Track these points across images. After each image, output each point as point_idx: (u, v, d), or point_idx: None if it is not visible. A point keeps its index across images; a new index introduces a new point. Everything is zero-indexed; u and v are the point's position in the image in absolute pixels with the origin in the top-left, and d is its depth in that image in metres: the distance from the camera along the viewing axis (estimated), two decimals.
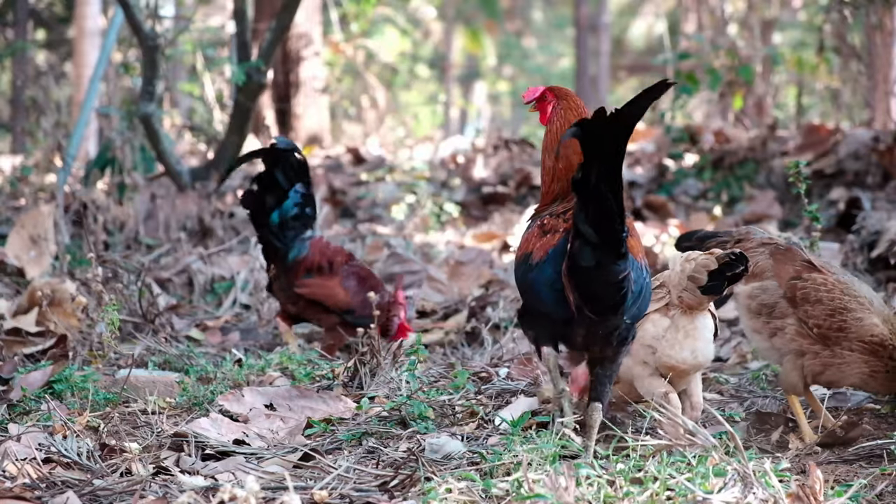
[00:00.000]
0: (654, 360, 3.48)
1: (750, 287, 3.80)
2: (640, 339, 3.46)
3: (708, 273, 3.37)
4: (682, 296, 3.44)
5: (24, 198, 8.09)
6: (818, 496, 2.62)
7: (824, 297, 3.67)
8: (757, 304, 3.79)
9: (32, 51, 15.15)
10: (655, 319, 3.48)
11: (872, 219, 6.62)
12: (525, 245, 3.23)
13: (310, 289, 4.99)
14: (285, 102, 14.09)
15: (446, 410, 3.87)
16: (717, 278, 3.38)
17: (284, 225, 5.00)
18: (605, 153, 2.87)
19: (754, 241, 3.91)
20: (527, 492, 2.67)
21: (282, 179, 5.01)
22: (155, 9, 8.53)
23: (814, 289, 3.69)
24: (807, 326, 3.68)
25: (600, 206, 2.90)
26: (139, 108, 8.02)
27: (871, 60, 10.85)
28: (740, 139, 10.16)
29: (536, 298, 3.15)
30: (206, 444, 3.52)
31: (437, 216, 9.37)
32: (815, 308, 3.67)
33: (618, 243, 2.95)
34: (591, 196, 2.90)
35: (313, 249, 5.03)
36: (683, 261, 3.47)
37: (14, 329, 5.01)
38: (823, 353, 3.66)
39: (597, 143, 2.85)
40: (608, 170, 2.87)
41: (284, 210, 5.00)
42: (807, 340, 3.69)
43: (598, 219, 2.92)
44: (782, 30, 18.86)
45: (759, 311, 3.78)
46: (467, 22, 26.07)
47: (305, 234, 5.05)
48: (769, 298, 3.76)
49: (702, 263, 3.39)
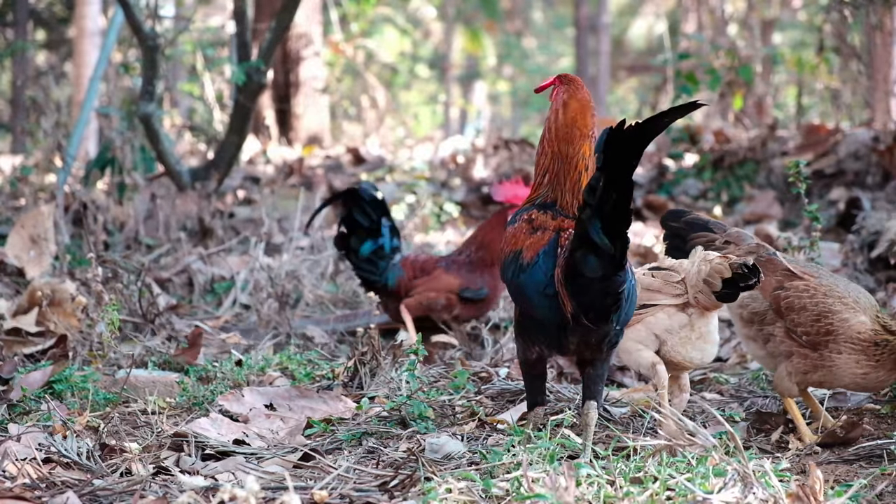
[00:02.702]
0: (661, 351, 3.51)
1: (739, 297, 3.77)
2: (649, 325, 3.46)
3: (722, 280, 3.40)
4: (698, 297, 3.46)
5: (24, 198, 8.09)
6: (818, 496, 2.62)
7: (808, 304, 3.65)
8: (748, 313, 3.77)
9: (32, 51, 15.15)
10: (672, 313, 3.49)
11: (872, 219, 6.63)
12: (513, 241, 3.16)
13: (415, 299, 5.38)
14: (285, 102, 14.08)
15: (446, 410, 3.87)
16: (731, 287, 3.40)
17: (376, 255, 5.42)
18: (627, 164, 2.81)
19: (743, 246, 3.88)
20: (527, 491, 2.67)
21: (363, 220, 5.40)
22: (155, 9, 8.53)
23: (797, 296, 3.67)
24: (795, 334, 3.67)
25: (619, 219, 2.84)
26: (139, 108, 8.02)
27: (871, 60, 10.85)
28: (740, 139, 10.16)
29: (528, 303, 3.09)
30: (206, 444, 3.52)
31: (437, 216, 9.37)
32: (801, 315, 3.65)
33: (625, 255, 2.93)
34: (609, 207, 2.83)
35: (405, 268, 5.44)
36: (701, 261, 3.48)
37: (14, 329, 5.01)
38: (813, 355, 3.66)
39: (620, 153, 2.80)
40: (627, 181, 2.82)
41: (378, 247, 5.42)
42: (796, 345, 3.68)
43: (616, 231, 2.86)
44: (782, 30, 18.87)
45: (752, 319, 3.76)
46: (467, 22, 26.05)
47: (395, 259, 5.46)
48: (759, 307, 3.74)
49: (717, 269, 3.41)
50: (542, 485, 2.68)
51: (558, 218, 3.10)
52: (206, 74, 13.67)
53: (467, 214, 9.88)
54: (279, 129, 13.99)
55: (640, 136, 2.80)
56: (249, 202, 9.61)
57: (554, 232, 3.07)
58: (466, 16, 25.93)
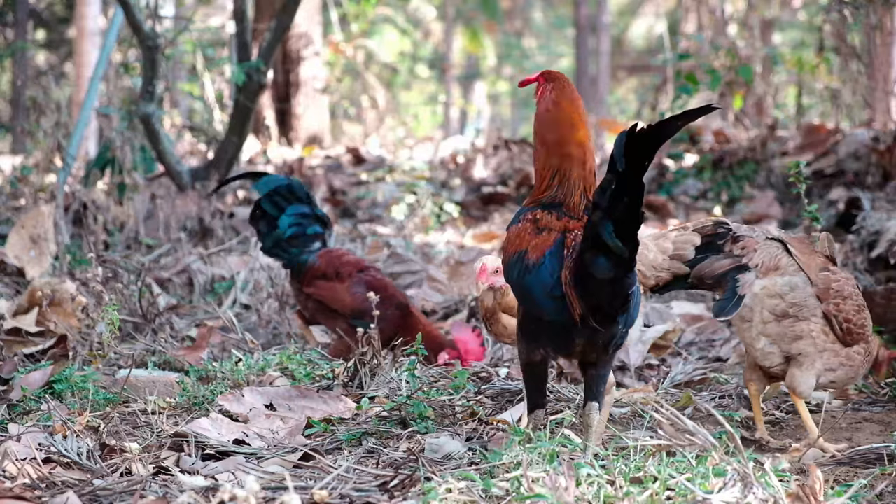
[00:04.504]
0: None
1: (778, 286, 3.62)
2: None
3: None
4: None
5: (24, 198, 8.08)
6: (818, 496, 2.62)
7: (853, 293, 3.60)
8: (786, 304, 3.59)
9: (32, 51, 15.15)
10: None
11: (872, 219, 6.63)
12: (518, 241, 3.13)
13: (316, 289, 5.18)
14: (285, 102, 14.09)
15: (446, 410, 3.87)
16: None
17: (280, 245, 5.27)
18: (640, 167, 2.81)
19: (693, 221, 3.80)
20: (527, 491, 2.67)
21: (270, 208, 5.29)
22: (155, 9, 8.52)
23: (846, 281, 3.60)
24: (836, 321, 3.57)
25: (630, 220, 2.84)
26: (139, 108, 8.02)
27: (871, 60, 10.84)
28: (740, 139, 10.16)
29: (534, 304, 3.07)
30: (206, 444, 3.52)
31: (437, 216, 9.37)
32: (846, 303, 3.57)
33: (634, 256, 2.91)
34: (621, 209, 2.82)
35: (321, 259, 5.23)
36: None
37: (14, 329, 5.01)
38: (841, 353, 3.62)
39: (634, 156, 2.80)
40: (638, 183, 2.82)
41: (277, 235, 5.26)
42: (831, 340, 3.61)
43: (628, 233, 2.84)
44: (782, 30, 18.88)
45: (785, 313, 3.59)
46: (467, 22, 26.03)
47: (313, 246, 5.28)
48: (799, 296, 3.58)
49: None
50: (542, 485, 2.68)
51: (563, 218, 3.09)
52: (206, 74, 13.67)
53: (467, 214, 9.89)
54: (279, 129, 13.99)
55: (653, 138, 2.80)
56: (249, 202, 9.61)
57: (560, 233, 3.06)
58: (466, 16, 25.92)
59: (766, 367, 3.69)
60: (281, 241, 5.26)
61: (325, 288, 5.16)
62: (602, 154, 11.32)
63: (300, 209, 5.30)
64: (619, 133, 2.84)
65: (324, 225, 5.35)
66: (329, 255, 5.24)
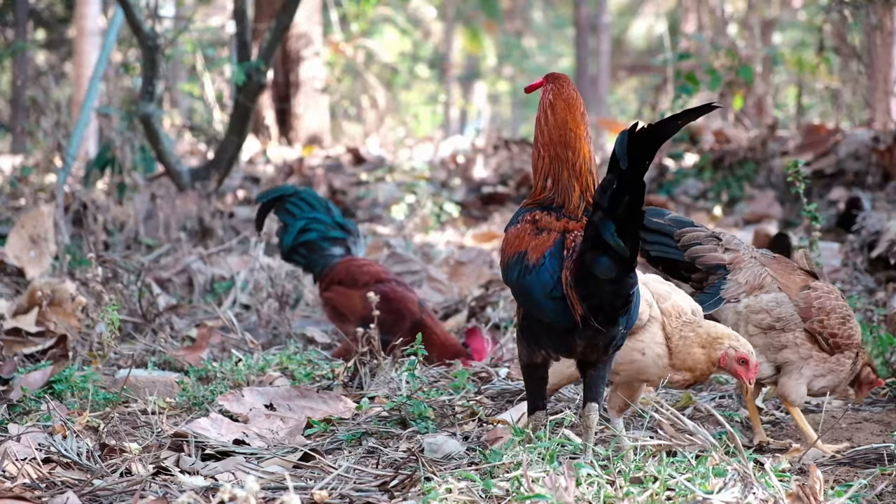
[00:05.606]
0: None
1: (763, 302, 3.66)
2: None
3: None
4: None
5: (24, 198, 8.09)
6: (818, 496, 2.62)
7: (836, 306, 3.61)
8: (772, 319, 3.62)
9: (32, 51, 15.15)
10: None
11: (872, 219, 6.63)
12: (517, 242, 3.11)
13: (332, 294, 5.29)
14: (285, 102, 14.09)
15: (446, 410, 3.87)
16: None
17: (295, 252, 5.44)
18: (641, 166, 2.81)
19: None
20: (527, 491, 2.67)
21: (284, 217, 5.47)
22: (155, 9, 8.52)
23: (826, 297, 3.62)
24: (821, 337, 3.60)
25: (632, 220, 2.84)
26: (139, 108, 8.02)
27: (871, 60, 10.85)
28: (740, 139, 10.17)
29: (534, 306, 3.05)
30: (206, 444, 3.52)
31: (437, 216, 9.37)
32: (830, 317, 3.60)
33: (636, 256, 2.90)
34: (623, 209, 2.82)
35: (340, 266, 5.34)
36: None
37: (14, 329, 5.00)
38: (830, 360, 3.63)
39: (635, 155, 2.79)
40: (639, 183, 2.81)
41: (286, 243, 5.43)
42: (816, 348, 3.62)
43: (630, 232, 2.84)
44: (782, 30, 18.89)
45: (772, 325, 3.62)
46: (467, 22, 26.06)
47: (334, 251, 5.41)
48: (784, 311, 3.61)
49: None
50: (542, 485, 2.68)
51: (563, 219, 3.08)
52: (206, 74, 13.68)
53: (467, 214, 9.89)
54: (279, 129, 14.00)
55: (654, 138, 2.80)
56: (249, 202, 9.61)
57: (559, 233, 3.04)
58: (466, 16, 25.94)
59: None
60: (296, 247, 5.40)
61: (339, 293, 5.25)
62: (602, 154, 11.33)
63: (316, 215, 5.43)
64: (620, 132, 2.83)
65: (347, 232, 5.47)
66: (349, 263, 5.33)
